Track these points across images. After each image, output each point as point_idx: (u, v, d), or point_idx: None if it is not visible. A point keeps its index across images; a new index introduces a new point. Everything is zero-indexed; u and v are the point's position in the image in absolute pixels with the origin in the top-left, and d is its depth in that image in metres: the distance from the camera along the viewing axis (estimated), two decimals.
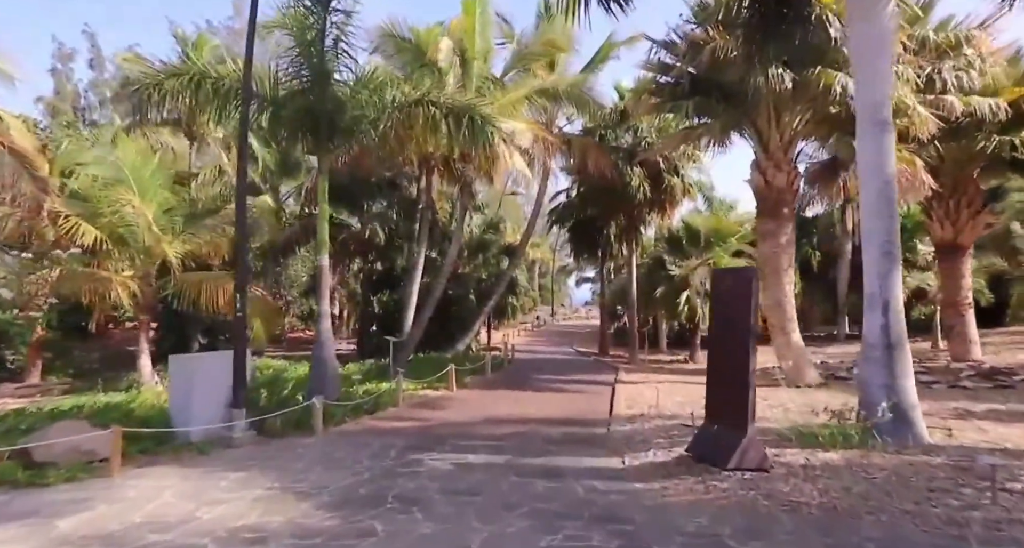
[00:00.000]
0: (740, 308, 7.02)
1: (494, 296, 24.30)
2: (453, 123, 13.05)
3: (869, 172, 8.48)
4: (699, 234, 25.98)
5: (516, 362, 23.04)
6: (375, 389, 13.46)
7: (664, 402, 12.90)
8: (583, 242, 28.35)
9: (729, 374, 7.15)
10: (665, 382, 16.73)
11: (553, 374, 19.29)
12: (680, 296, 24.83)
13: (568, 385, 16.47)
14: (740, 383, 6.91)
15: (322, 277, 13.09)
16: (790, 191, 15.35)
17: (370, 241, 26.25)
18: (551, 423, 10.93)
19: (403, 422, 10.96)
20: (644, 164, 22.71)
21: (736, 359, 7.00)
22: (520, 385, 16.32)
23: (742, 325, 6.98)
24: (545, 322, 53.30)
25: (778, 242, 15.26)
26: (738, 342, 7.01)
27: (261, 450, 8.86)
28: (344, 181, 25.52)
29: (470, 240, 28.05)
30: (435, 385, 14.89)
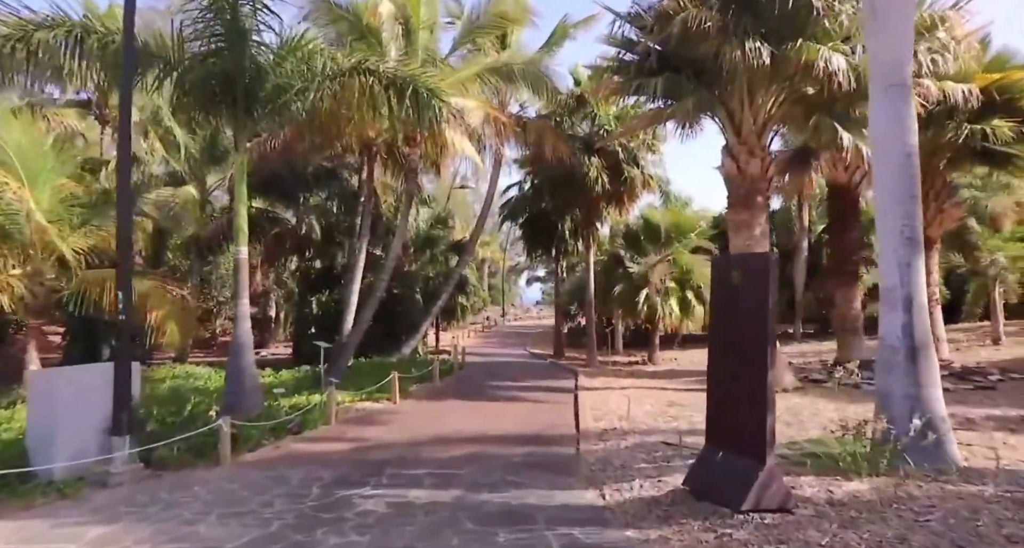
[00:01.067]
0: (753, 303, 5.57)
1: (442, 295, 22.60)
2: (395, 97, 11.33)
3: (886, 145, 7.19)
4: (658, 229, 24.86)
5: (467, 366, 21.38)
6: (305, 403, 11.62)
7: (634, 411, 11.51)
8: (537, 238, 26.90)
9: (739, 388, 5.69)
10: (630, 388, 15.37)
11: (508, 380, 17.71)
12: (639, 294, 23.67)
13: (526, 393, 14.92)
14: (755, 399, 5.46)
15: (240, 272, 11.16)
16: (764, 179, 14.18)
17: (307, 237, 24.18)
18: (510, 442, 9.34)
19: (334, 444, 9.19)
20: (602, 154, 21.39)
21: (749, 369, 5.55)
22: (473, 394, 14.68)
23: (756, 325, 5.53)
24: (496, 323, 51.78)
25: (752, 234, 14.06)
26: (751, 347, 5.56)
27: (145, 489, 6.98)
28: (279, 171, 23.45)
29: (417, 235, 26.25)
30: (376, 396, 13.11)
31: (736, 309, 5.81)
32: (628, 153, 21.58)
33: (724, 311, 6.12)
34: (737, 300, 5.79)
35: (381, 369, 17.87)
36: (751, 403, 5.49)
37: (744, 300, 5.68)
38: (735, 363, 5.76)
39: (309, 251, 24.64)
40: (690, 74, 13.63)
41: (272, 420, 9.92)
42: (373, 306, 16.38)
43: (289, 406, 11.26)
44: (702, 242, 25.23)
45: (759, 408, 5.39)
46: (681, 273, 24.40)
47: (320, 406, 10.88)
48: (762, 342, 5.45)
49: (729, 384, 5.86)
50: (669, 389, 15.11)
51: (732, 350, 5.82)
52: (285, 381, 18.08)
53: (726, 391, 5.92)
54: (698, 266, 24.65)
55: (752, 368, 5.50)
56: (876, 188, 7.43)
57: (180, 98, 10.93)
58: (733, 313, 5.86)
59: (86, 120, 23.64)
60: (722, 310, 6.17)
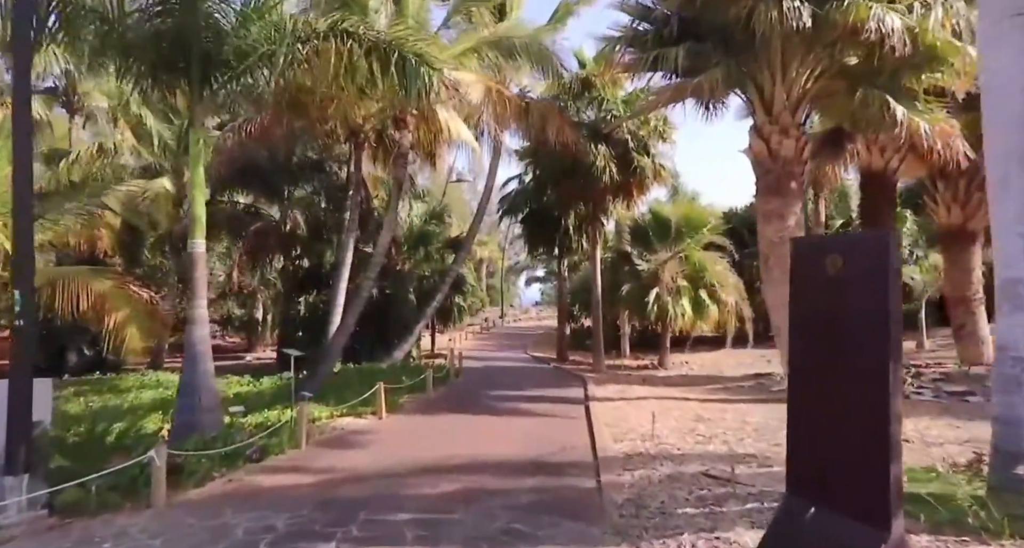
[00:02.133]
0: (867, 303, 3.92)
1: (438, 296, 20.96)
2: (378, 64, 9.68)
3: (1004, 92, 5.57)
4: (668, 224, 23.31)
5: (464, 373, 19.70)
6: (276, 420, 9.97)
7: (658, 428, 9.88)
8: (538, 234, 25.27)
9: (844, 421, 4.03)
10: (648, 398, 13.74)
11: (509, 389, 16.05)
12: (648, 294, 22.10)
13: (529, 404, 13.26)
14: (872, 439, 3.81)
15: (195, 268, 9.49)
16: (799, 162, 12.56)
17: (293, 234, 22.52)
18: (514, 471, 7.69)
19: (300, 476, 7.51)
20: (610, 142, 19.76)
21: (863, 396, 3.89)
22: (470, 406, 13.01)
23: (872, 334, 3.88)
24: (495, 324, 50.14)
25: (785, 224, 12.44)
26: (865, 366, 3.90)
27: (43, 545, 5.35)
28: (260, 163, 21.81)
29: (410, 232, 24.59)
30: (359, 410, 11.44)
31: (835, 311, 4.15)
32: (638, 141, 19.96)
33: (812, 314, 4.45)
34: (837, 298, 4.12)
35: (369, 377, 16.21)
36: (866, 444, 3.83)
37: (850, 298, 4.02)
38: (837, 387, 4.10)
39: (295, 249, 22.97)
40: (716, 42, 12.01)
41: (232, 443, 8.26)
42: (359, 308, 14.73)
43: (254, 425, 9.60)
44: (715, 237, 23.65)
45: (880, 452, 3.74)
46: (693, 271, 22.85)
47: (290, 425, 9.21)
48: (882, 359, 3.79)
49: (826, 415, 4.20)
50: (692, 399, 13.48)
51: (831, 369, 4.16)
52: (263, 390, 16.45)
53: (821, 424, 4.26)
54: (711, 263, 23.11)
55: (867, 394, 3.84)
56: (991, 152, 5.81)
57: (123, 62, 9.25)
58: (830, 317, 4.20)
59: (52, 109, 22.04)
60: (809, 313, 4.50)
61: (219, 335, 32.85)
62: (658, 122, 20.20)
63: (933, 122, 11.16)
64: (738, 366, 22.96)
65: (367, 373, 17.52)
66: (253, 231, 19.24)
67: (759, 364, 23.10)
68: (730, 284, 23.08)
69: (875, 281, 3.89)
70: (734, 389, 15.34)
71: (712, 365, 23.72)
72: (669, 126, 20.49)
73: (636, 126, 20.05)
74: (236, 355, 28.35)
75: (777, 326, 12.81)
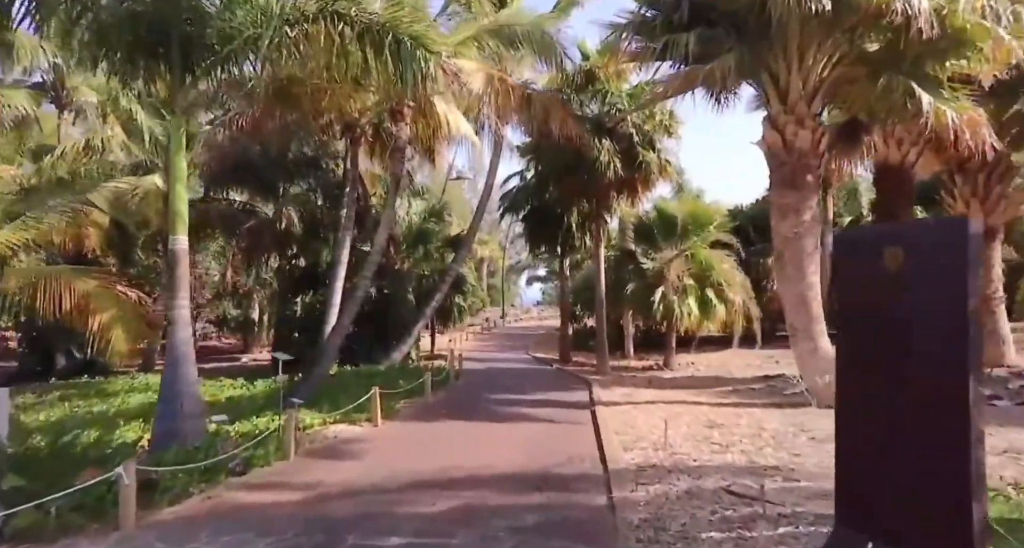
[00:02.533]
0: (938, 304, 3.32)
1: (437, 295, 20.38)
2: (371, 49, 9.06)
3: None
4: (674, 221, 22.66)
5: (465, 375, 19.10)
6: (265, 427, 9.37)
7: (670, 434, 9.28)
8: (540, 232, 24.65)
9: (911, 443, 3.43)
10: (656, 402, 13.13)
11: (511, 392, 15.44)
12: (654, 293, 21.47)
13: (533, 409, 12.64)
14: (947, 465, 3.21)
15: (177, 266, 8.90)
16: (815, 154, 11.95)
17: (289, 232, 21.93)
18: (518, 485, 7.08)
19: (286, 493, 6.91)
20: (615, 137, 19.15)
21: (934, 414, 3.30)
22: (470, 411, 12.40)
23: (945, 342, 3.28)
24: (495, 324, 49.54)
25: (801, 219, 11.84)
26: (937, 378, 3.31)
27: None
28: (255, 160, 21.24)
29: (409, 230, 23.99)
30: (354, 417, 10.83)
31: (895, 314, 3.54)
32: (643, 135, 19.33)
33: (865, 318, 3.85)
34: (898, 299, 3.52)
35: (366, 380, 15.64)
36: (938, 473, 3.24)
37: (916, 299, 3.41)
38: (899, 403, 3.49)
39: (291, 247, 22.37)
40: (728, 28, 11.40)
41: (214, 454, 7.67)
42: (354, 308, 14.12)
43: (241, 434, 9.00)
44: (722, 235, 23.03)
45: (958, 483, 3.14)
46: (700, 269, 22.21)
47: (278, 434, 8.60)
48: (959, 370, 3.18)
49: (885, 435, 3.59)
50: (703, 403, 12.87)
51: (891, 382, 3.55)
52: (256, 394, 15.86)
53: (878, 446, 3.65)
54: (718, 261, 22.48)
55: (940, 413, 3.25)
56: None
57: (99, 46, 8.64)
58: (889, 321, 3.59)
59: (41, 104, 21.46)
60: (860, 317, 3.90)
61: (215, 336, 32.29)
62: (664, 116, 19.59)
63: (960, 111, 10.54)
64: (746, 367, 22.36)
65: (364, 375, 16.95)
66: (247, 229, 18.64)
67: (767, 365, 22.50)
68: (737, 283, 22.45)
69: (950, 277, 3.28)
70: (745, 392, 14.73)
71: (719, 366, 23.10)
72: (675, 120, 19.88)
73: (641, 120, 19.44)
74: (232, 357, 27.78)
75: (793, 326, 12.19)
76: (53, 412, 13.84)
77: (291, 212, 18.35)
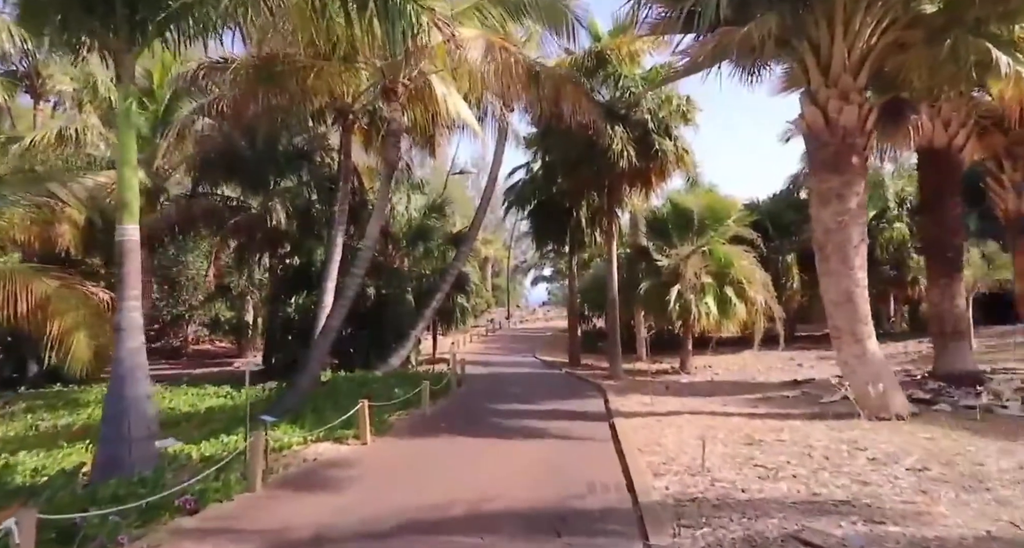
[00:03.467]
0: None
1: (438, 295, 19.04)
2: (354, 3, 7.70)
3: None
4: (690, 215, 21.27)
5: (468, 381, 17.73)
6: (235, 447, 8.02)
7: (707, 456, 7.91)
8: (547, 228, 23.29)
9: None
10: (681, 412, 11.73)
11: (519, 401, 14.05)
12: (670, 292, 20.08)
13: (544, 422, 11.25)
14: None
15: (125, 261, 7.51)
16: (861, 132, 10.55)
17: (281, 229, 20.62)
18: (532, 528, 5.70)
19: (239, 541, 5.54)
20: (628, 123, 17.77)
21: None
22: (472, 425, 11.01)
23: None
24: (500, 326, 48.16)
25: (845, 206, 10.44)
26: None
27: None
28: (244, 153, 19.95)
29: (408, 226, 22.60)
30: (340, 434, 9.47)
31: None
32: (658, 122, 17.94)
33: None
34: None
35: (360, 387, 14.31)
36: None
37: None
38: None
39: (283, 245, 21.04)
40: None
41: (163, 486, 6.32)
42: (343, 309, 12.74)
43: (203, 458, 7.64)
44: (741, 230, 21.63)
45: None
46: (718, 266, 20.81)
47: (244, 459, 7.24)
48: None
49: None
50: (734, 414, 11.47)
51: None
52: (240, 404, 14.52)
53: None
54: (738, 258, 21.08)
55: None
56: None
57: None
58: None
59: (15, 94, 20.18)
60: None
61: (207, 339, 31.00)
62: (681, 101, 18.20)
63: None
64: (768, 370, 20.98)
65: (358, 383, 15.61)
66: (234, 225, 17.30)
67: (790, 368, 21.11)
68: (758, 280, 21.03)
69: None
70: (778, 400, 13.31)
71: (739, 369, 21.71)
72: (692, 106, 18.48)
73: (656, 105, 18.07)
74: (224, 361, 26.47)
75: (837, 327, 10.78)
76: (13, 426, 12.52)
77: (278, 207, 16.97)
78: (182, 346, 28.97)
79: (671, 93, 18.41)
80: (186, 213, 17.84)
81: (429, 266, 23.09)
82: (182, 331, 29.72)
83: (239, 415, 12.38)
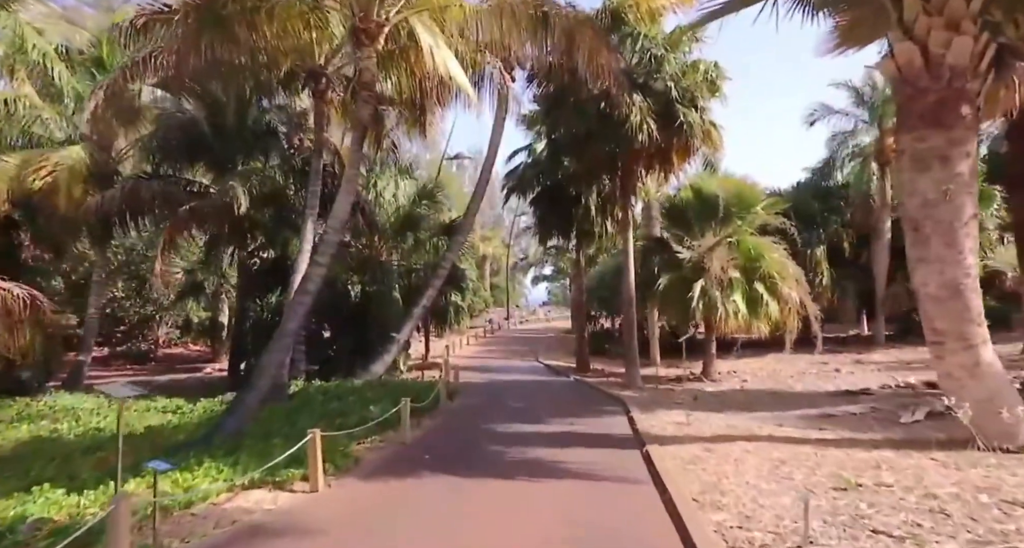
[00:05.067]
0: None
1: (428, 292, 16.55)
2: None
3: None
4: (715, 202, 18.75)
5: (462, 392, 15.18)
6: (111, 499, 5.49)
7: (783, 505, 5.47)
8: (552, 217, 20.81)
9: None
10: (732, 437, 9.22)
11: (523, 419, 11.48)
12: (692, 288, 17.62)
13: (558, 450, 8.72)
14: None
15: None
16: (975, 74, 8.08)
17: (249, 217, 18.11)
18: None
19: None
20: (647, 92, 15.32)
21: None
22: (464, 459, 8.47)
23: None
24: (499, 326, 45.65)
25: (952, 172, 7.98)
26: None
27: None
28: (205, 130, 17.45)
29: (396, 214, 20.05)
30: (283, 476, 6.93)
31: None
32: (682, 92, 15.47)
33: None
34: None
35: (331, 403, 11.87)
36: None
37: None
38: None
39: (255, 236, 18.51)
40: None
41: None
42: (302, 308, 10.15)
43: (52, 530, 5.10)
44: (771, 218, 19.20)
45: None
46: (746, 260, 18.35)
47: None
48: None
49: None
50: (798, 440, 8.97)
51: None
52: (184, 424, 12.04)
53: None
54: (768, 250, 18.62)
55: None
56: None
57: None
58: None
59: None
60: None
61: (181, 343, 28.44)
62: (708, 67, 15.74)
63: None
64: (801, 377, 18.52)
65: (332, 395, 13.12)
66: (188, 211, 14.72)
67: (825, 374, 18.63)
68: (791, 275, 18.57)
69: None
70: (844, 419, 10.81)
71: (769, 376, 19.22)
72: (721, 74, 16.02)
73: (680, 71, 15.62)
74: (196, 366, 23.98)
75: (937, 330, 8.27)
76: None
77: (239, 191, 14.41)
78: (151, 350, 26.43)
79: (697, 60, 15.97)
80: (133, 197, 15.29)
81: (420, 260, 20.60)
82: (152, 333, 27.18)
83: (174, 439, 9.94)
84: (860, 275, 24.87)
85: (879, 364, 19.84)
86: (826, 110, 24.58)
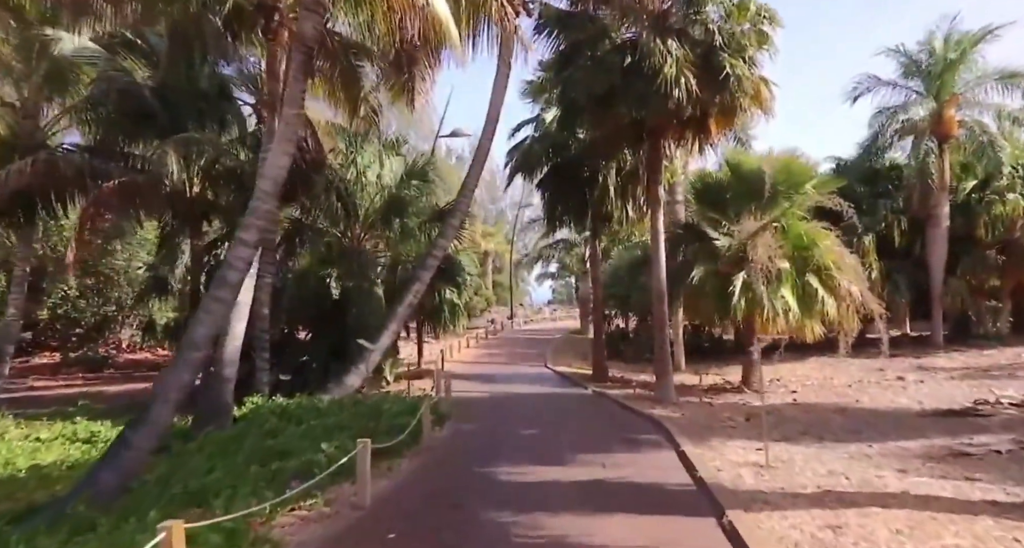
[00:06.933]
0: None
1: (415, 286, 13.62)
2: None
3: None
4: (757, 180, 15.77)
5: (456, 409, 12.17)
6: None
7: None
8: (563, 200, 17.78)
9: None
10: (854, 498, 6.22)
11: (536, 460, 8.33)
12: (733, 281, 14.70)
13: (589, 523, 5.73)
14: None
15: None
16: None
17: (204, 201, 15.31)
18: None
19: None
20: (684, 39, 12.40)
21: None
22: (454, 536, 5.51)
23: None
24: (502, 326, 42.67)
25: None
26: None
27: None
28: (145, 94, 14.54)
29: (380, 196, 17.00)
30: None
31: None
32: (728, 38, 12.53)
33: None
34: None
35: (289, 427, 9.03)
36: None
37: None
38: None
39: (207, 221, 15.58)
40: None
41: None
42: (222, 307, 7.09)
43: None
44: (826, 199, 16.25)
45: None
46: (795, 249, 15.40)
47: None
48: None
49: None
50: (959, 504, 5.96)
51: None
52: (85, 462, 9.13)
53: None
54: (822, 237, 15.65)
55: None
56: None
57: None
58: None
59: None
60: None
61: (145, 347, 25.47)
62: (760, 8, 12.79)
63: None
64: (861, 387, 15.50)
65: (290, 416, 10.15)
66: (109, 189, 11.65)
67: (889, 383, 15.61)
68: (849, 267, 15.63)
69: None
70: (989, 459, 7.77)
71: (820, 385, 16.22)
72: (775, 18, 13.06)
73: (724, 14, 12.68)
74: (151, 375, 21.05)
75: None
76: None
77: (172, 161, 11.43)
78: (110, 356, 23.49)
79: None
80: (50, 174, 12.35)
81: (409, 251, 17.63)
82: (113, 337, 24.27)
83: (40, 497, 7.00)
84: (912, 268, 21.83)
85: (949, 371, 16.84)
86: (873, 81, 21.60)
